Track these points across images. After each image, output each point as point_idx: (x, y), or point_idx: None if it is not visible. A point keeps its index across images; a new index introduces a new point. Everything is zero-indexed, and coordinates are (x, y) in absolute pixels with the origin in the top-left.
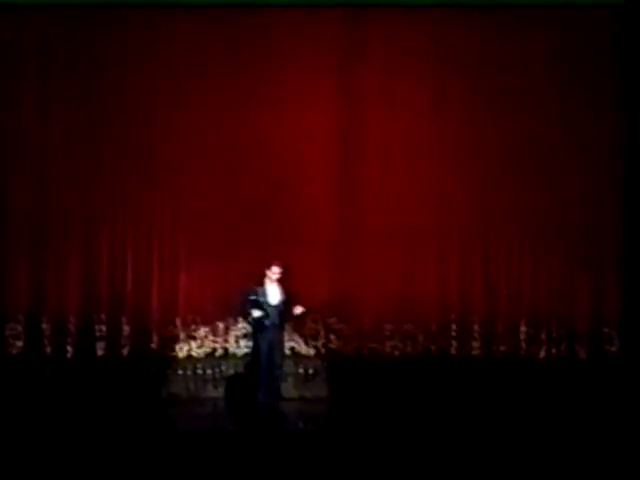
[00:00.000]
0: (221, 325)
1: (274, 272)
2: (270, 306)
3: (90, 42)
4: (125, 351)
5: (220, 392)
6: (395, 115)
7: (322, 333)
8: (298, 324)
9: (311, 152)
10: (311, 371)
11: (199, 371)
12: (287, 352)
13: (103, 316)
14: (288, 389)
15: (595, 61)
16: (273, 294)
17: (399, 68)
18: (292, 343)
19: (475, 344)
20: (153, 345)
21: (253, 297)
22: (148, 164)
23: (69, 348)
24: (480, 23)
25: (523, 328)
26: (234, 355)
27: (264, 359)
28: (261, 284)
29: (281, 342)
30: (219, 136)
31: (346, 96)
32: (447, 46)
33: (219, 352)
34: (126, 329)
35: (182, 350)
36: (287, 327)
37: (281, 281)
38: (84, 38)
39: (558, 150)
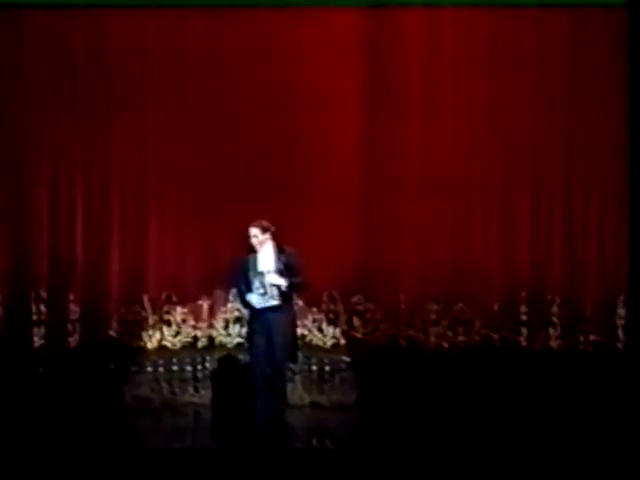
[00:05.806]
0: (205, 305)
1: (250, 235)
2: (261, 278)
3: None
4: (73, 340)
5: (204, 396)
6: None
7: (343, 316)
8: (310, 303)
9: (330, 87)
10: (328, 368)
11: (175, 367)
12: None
13: (43, 293)
14: (297, 393)
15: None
16: (265, 262)
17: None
18: (302, 330)
19: (553, 332)
20: (112, 332)
21: (240, 269)
22: (105, 91)
23: None
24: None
25: (621, 310)
26: (222, 345)
27: (261, 351)
28: (253, 251)
29: (286, 326)
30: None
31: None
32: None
33: (202, 342)
34: (75, 310)
35: (152, 339)
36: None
37: (277, 242)
38: None
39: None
